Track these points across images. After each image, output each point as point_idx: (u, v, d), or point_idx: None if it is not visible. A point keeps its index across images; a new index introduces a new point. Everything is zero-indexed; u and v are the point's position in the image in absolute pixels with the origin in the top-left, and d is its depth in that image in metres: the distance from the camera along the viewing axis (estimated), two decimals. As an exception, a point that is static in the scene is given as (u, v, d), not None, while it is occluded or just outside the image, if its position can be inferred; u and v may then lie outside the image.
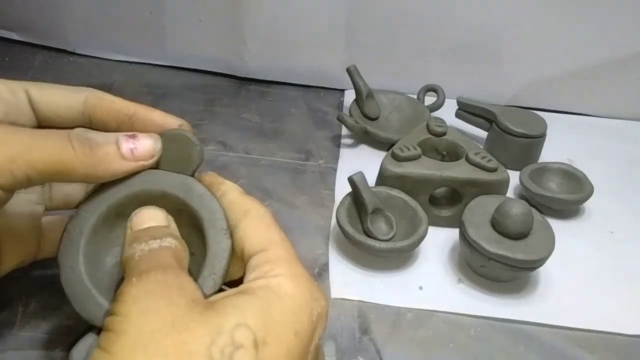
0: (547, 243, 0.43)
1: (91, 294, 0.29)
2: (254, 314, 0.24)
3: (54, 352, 0.36)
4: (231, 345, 0.22)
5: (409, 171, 0.48)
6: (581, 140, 0.64)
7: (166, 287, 0.24)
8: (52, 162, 0.27)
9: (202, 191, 0.30)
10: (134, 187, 0.30)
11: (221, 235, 0.29)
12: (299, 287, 0.26)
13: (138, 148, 0.29)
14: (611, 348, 0.41)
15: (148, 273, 0.25)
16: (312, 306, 0.26)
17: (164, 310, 0.23)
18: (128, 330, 0.23)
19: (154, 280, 0.25)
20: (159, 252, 0.26)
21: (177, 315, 0.23)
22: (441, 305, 0.43)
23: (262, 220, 0.29)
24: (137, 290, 0.24)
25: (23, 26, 0.71)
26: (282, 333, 0.24)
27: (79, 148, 0.27)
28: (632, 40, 0.64)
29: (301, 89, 0.70)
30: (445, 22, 0.64)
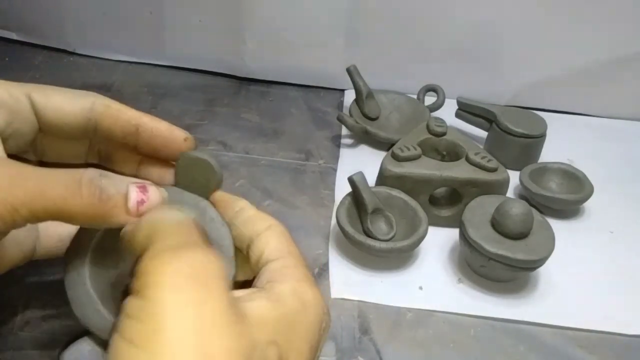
0: (547, 243, 0.43)
1: (93, 299, 0.29)
2: (282, 330, 0.24)
3: (54, 352, 0.36)
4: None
5: (409, 171, 0.48)
6: (581, 140, 0.64)
7: (208, 275, 0.22)
8: (57, 208, 0.25)
9: (214, 215, 0.30)
10: None
11: (227, 262, 0.29)
12: (317, 297, 0.27)
13: (145, 204, 0.27)
14: (611, 348, 0.41)
15: (187, 250, 0.23)
16: (322, 319, 0.27)
17: (208, 305, 0.21)
18: (166, 326, 0.20)
19: (195, 263, 0.22)
20: (189, 223, 0.25)
21: (221, 314, 0.21)
22: (441, 305, 0.43)
23: (284, 235, 0.30)
24: (176, 271, 0.22)
25: (23, 26, 0.71)
26: (301, 347, 0.25)
27: (87, 198, 0.25)
28: (632, 40, 0.64)
29: (301, 89, 0.70)
30: (446, 22, 0.64)
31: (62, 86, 0.68)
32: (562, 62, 0.66)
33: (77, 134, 0.32)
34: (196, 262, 0.22)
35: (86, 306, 0.29)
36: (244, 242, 0.30)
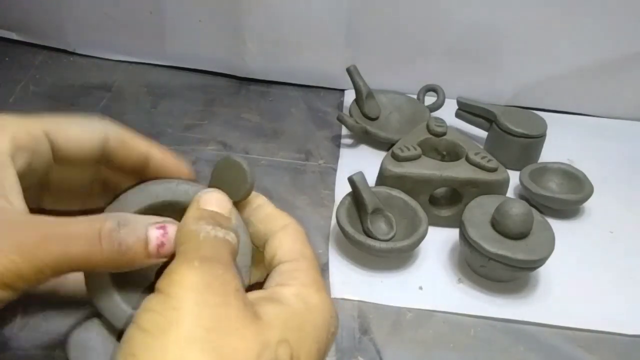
0: (547, 243, 0.43)
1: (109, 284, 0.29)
2: (293, 329, 0.24)
3: (54, 352, 0.36)
4: None
5: (409, 171, 0.48)
6: (581, 141, 0.64)
7: (225, 285, 0.24)
8: (80, 265, 0.25)
9: (238, 222, 0.30)
10: (167, 196, 0.30)
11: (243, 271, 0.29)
12: (325, 302, 0.27)
13: (166, 245, 0.27)
14: (611, 348, 0.41)
15: (211, 263, 0.24)
16: (331, 323, 0.27)
17: (222, 308, 0.23)
18: (184, 320, 0.22)
19: (216, 274, 0.24)
20: (223, 244, 0.26)
21: (232, 317, 0.23)
22: (441, 305, 0.43)
23: (299, 235, 0.30)
24: (197, 277, 0.23)
25: (23, 26, 0.71)
26: (310, 347, 0.25)
27: (107, 250, 0.25)
28: (632, 40, 0.64)
29: (301, 89, 0.70)
30: (446, 22, 0.64)
31: (62, 86, 0.69)
32: (562, 62, 0.66)
33: (89, 164, 0.32)
34: (219, 276, 0.24)
35: (102, 289, 0.29)
36: (261, 239, 0.30)
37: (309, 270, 0.28)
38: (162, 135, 0.59)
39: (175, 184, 0.31)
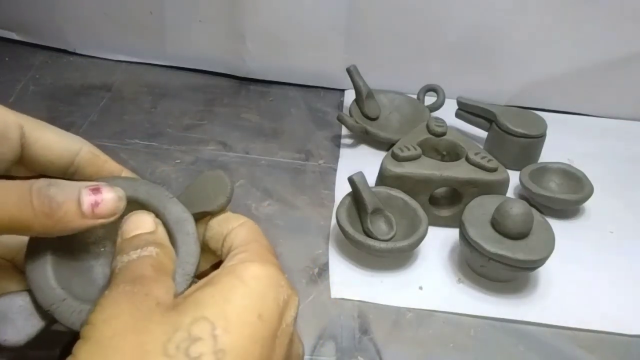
0: (547, 243, 0.43)
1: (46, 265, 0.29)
2: (213, 305, 0.24)
3: (54, 352, 0.36)
4: (188, 339, 0.23)
5: (409, 171, 0.48)
6: (581, 140, 0.64)
7: (131, 295, 0.25)
8: (10, 219, 0.26)
9: (191, 230, 0.30)
10: (128, 192, 0.30)
11: (189, 239, 0.30)
12: (266, 271, 0.27)
13: (100, 204, 0.28)
14: (611, 348, 0.41)
15: (117, 285, 0.26)
16: (279, 291, 0.26)
17: (126, 316, 0.24)
18: (92, 336, 0.23)
19: (122, 291, 0.25)
20: (136, 263, 0.27)
21: (138, 319, 0.24)
22: (441, 305, 0.43)
23: (254, 229, 0.30)
24: (106, 300, 0.25)
25: (23, 26, 0.72)
26: (244, 317, 0.24)
27: (38, 207, 0.26)
28: (632, 40, 0.64)
29: (301, 89, 0.70)
30: (445, 22, 0.64)
31: (62, 86, 0.69)
32: (562, 62, 0.66)
33: (54, 173, 0.32)
34: (123, 292, 0.25)
35: (38, 264, 0.29)
36: (219, 240, 0.30)
37: (255, 250, 0.28)
38: (162, 135, 0.59)
39: (138, 183, 0.31)
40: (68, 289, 0.29)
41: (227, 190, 0.32)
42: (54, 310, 0.28)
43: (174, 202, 0.31)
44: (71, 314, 0.28)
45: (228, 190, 0.32)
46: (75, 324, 0.28)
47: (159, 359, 0.22)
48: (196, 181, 0.33)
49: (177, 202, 0.31)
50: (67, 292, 0.28)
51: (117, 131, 0.59)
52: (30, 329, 0.29)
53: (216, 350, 0.23)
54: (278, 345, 0.25)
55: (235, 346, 0.23)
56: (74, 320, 0.28)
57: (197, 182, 0.33)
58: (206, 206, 0.31)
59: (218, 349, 0.23)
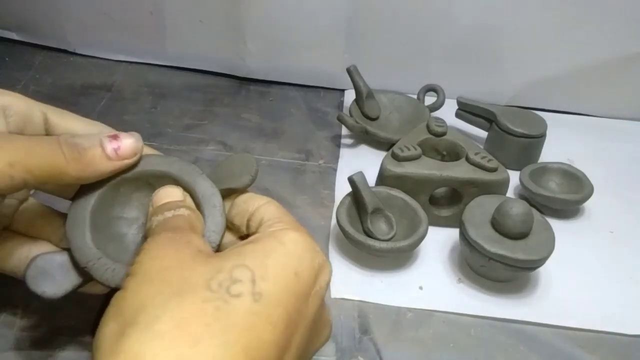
0: (547, 243, 0.43)
1: (85, 224, 0.32)
2: (253, 256, 0.27)
3: (54, 352, 0.36)
4: (229, 279, 0.25)
5: (409, 171, 0.48)
6: (581, 140, 0.64)
7: (174, 241, 0.28)
8: (47, 167, 0.29)
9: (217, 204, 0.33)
10: (163, 167, 0.34)
11: (216, 211, 0.33)
12: (303, 237, 0.29)
13: (121, 147, 0.32)
14: (611, 348, 0.41)
15: (159, 233, 0.29)
16: (314, 255, 0.28)
17: (171, 256, 0.26)
18: (140, 271, 0.26)
19: (164, 237, 0.28)
20: (172, 219, 0.30)
21: (182, 259, 0.26)
22: (441, 305, 0.43)
23: (281, 207, 0.33)
24: (149, 244, 0.28)
25: (23, 26, 0.71)
26: (282, 272, 0.26)
27: (69, 153, 0.30)
28: (632, 40, 0.63)
29: (301, 89, 0.70)
30: (446, 22, 0.64)
31: (62, 86, 0.69)
32: (562, 62, 0.66)
33: None
34: (165, 237, 0.28)
35: (78, 227, 0.32)
36: (244, 217, 0.32)
37: (290, 221, 0.31)
38: (162, 135, 0.59)
39: (172, 159, 0.34)
40: (103, 251, 0.31)
41: (252, 170, 0.35)
42: (90, 267, 0.31)
43: (203, 178, 0.34)
44: (105, 271, 0.31)
45: (253, 170, 0.35)
46: (109, 281, 0.31)
47: (202, 291, 0.24)
48: (224, 161, 0.36)
49: (206, 178, 0.34)
50: (103, 253, 0.31)
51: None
52: (67, 284, 0.32)
53: (254, 292, 0.25)
54: (311, 304, 0.27)
55: (271, 292, 0.25)
56: (108, 277, 0.31)
57: (225, 162, 0.36)
58: (232, 183, 0.34)
59: (256, 291, 0.25)
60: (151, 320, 0.23)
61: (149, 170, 0.34)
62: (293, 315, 0.26)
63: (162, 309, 0.23)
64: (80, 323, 0.38)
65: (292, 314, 0.26)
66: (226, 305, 0.24)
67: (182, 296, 0.24)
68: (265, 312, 0.25)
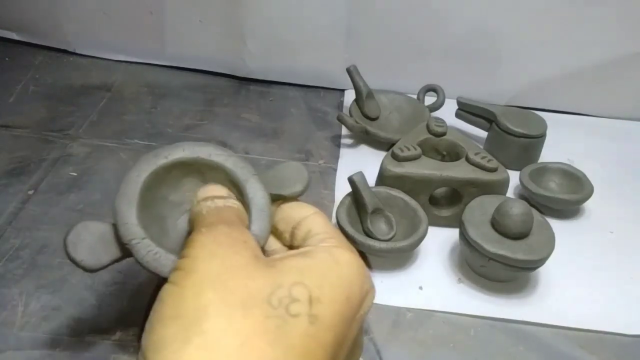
0: (547, 243, 0.43)
1: (135, 202, 0.31)
2: (311, 275, 0.26)
3: (54, 352, 0.36)
4: (288, 297, 0.25)
5: (409, 171, 0.48)
6: (581, 140, 0.64)
7: (232, 239, 0.27)
8: None
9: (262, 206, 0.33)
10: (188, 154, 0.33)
11: (263, 215, 0.32)
12: (357, 261, 0.29)
13: None
14: (611, 348, 0.41)
15: (216, 225, 0.28)
16: (364, 280, 0.28)
17: (230, 257, 0.26)
18: (198, 269, 0.25)
19: (222, 232, 0.28)
20: (224, 210, 0.30)
21: (241, 264, 0.26)
22: (441, 305, 0.43)
23: (328, 221, 0.33)
24: (206, 238, 0.27)
25: (23, 26, 0.72)
26: (335, 295, 0.26)
27: None
28: (632, 40, 0.64)
29: (301, 89, 0.70)
30: (445, 22, 0.64)
31: (62, 86, 0.69)
32: (562, 63, 0.66)
33: None
34: (225, 233, 0.28)
35: (127, 202, 0.31)
36: (290, 224, 0.32)
37: (342, 239, 0.31)
38: (162, 135, 0.59)
39: (229, 154, 0.34)
40: (147, 231, 0.31)
41: (304, 180, 0.35)
42: (133, 245, 0.30)
43: (255, 179, 0.33)
44: (147, 253, 0.30)
45: (305, 181, 0.35)
46: (149, 264, 0.30)
47: (263, 305, 0.24)
48: (277, 167, 0.36)
49: (258, 180, 0.33)
50: (147, 233, 0.31)
51: (117, 131, 0.59)
52: (106, 257, 0.31)
53: (310, 314, 0.25)
54: (353, 328, 0.28)
55: (325, 316, 0.25)
56: (149, 259, 0.30)
57: (278, 168, 0.36)
58: (283, 190, 0.34)
59: (312, 313, 0.25)
60: (218, 332, 0.23)
61: (204, 159, 0.33)
62: (340, 338, 0.26)
63: (227, 321, 0.23)
64: (81, 323, 0.38)
65: (339, 337, 0.26)
66: (285, 324, 0.24)
67: (246, 309, 0.24)
68: (319, 336, 0.25)
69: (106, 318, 0.39)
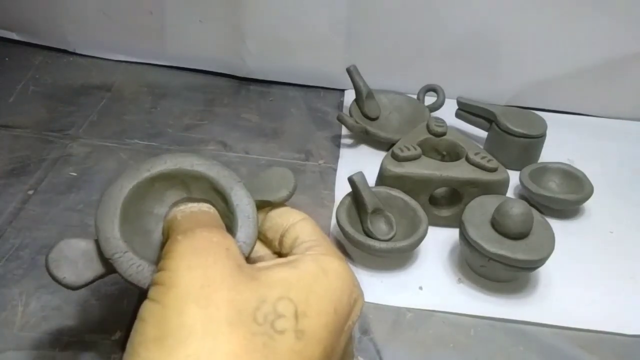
0: (547, 243, 0.43)
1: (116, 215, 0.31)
2: (297, 288, 0.26)
3: (54, 352, 0.36)
4: (273, 313, 0.24)
5: (409, 171, 0.48)
6: (581, 140, 0.64)
7: (213, 245, 0.26)
8: None
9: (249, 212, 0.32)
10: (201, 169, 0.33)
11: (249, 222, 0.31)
12: (345, 269, 0.28)
13: None
14: (611, 348, 0.41)
15: (193, 230, 0.26)
16: (352, 289, 0.28)
17: (213, 267, 0.25)
18: (178, 283, 0.24)
19: (200, 237, 0.26)
20: (200, 214, 0.28)
21: (225, 275, 0.25)
22: (441, 305, 0.43)
23: (317, 227, 0.32)
24: (184, 246, 0.26)
25: (23, 26, 0.72)
26: (322, 307, 0.26)
27: None
28: (632, 40, 0.64)
29: (301, 89, 0.70)
30: (446, 22, 0.64)
31: (62, 86, 0.69)
32: (562, 62, 0.66)
33: None
34: (204, 237, 0.26)
35: (108, 217, 0.31)
36: (278, 231, 0.32)
37: (329, 246, 0.30)
38: (162, 135, 0.59)
39: (213, 163, 0.33)
40: (130, 244, 0.30)
41: (290, 185, 0.34)
42: (115, 259, 0.30)
43: (240, 186, 0.33)
44: (130, 266, 0.29)
45: (291, 186, 0.34)
46: (133, 277, 0.29)
47: (249, 323, 0.24)
48: (263, 173, 0.35)
49: (243, 187, 0.33)
50: (129, 246, 0.30)
51: (117, 131, 0.59)
52: (89, 273, 0.30)
53: (297, 330, 0.24)
54: (342, 339, 0.27)
55: (313, 330, 0.25)
56: (132, 272, 0.29)
57: (263, 174, 0.35)
58: (269, 196, 0.34)
59: (299, 329, 0.24)
60: (205, 355, 0.22)
61: (186, 170, 0.33)
62: (328, 351, 0.26)
63: (214, 342, 0.23)
64: (81, 323, 0.38)
65: (328, 350, 0.25)
66: (272, 341, 0.24)
67: (232, 327, 0.23)
68: (306, 351, 0.24)
69: (106, 318, 0.39)
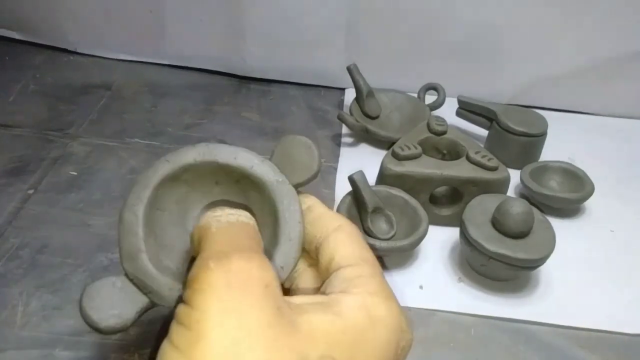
0: (548, 242, 0.43)
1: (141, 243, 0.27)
2: (342, 346, 0.22)
3: (55, 352, 0.36)
4: None
5: (409, 170, 0.48)
6: (582, 139, 0.64)
7: (251, 283, 0.22)
8: None
9: (294, 210, 0.28)
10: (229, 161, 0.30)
11: (292, 245, 0.27)
12: (392, 313, 0.25)
13: None
14: (611, 347, 0.41)
15: (229, 258, 0.22)
16: (401, 337, 0.25)
17: (248, 314, 0.21)
18: (209, 334, 0.20)
19: (237, 269, 0.22)
20: (238, 228, 0.24)
21: (262, 325, 0.21)
22: (441, 305, 0.43)
23: (354, 237, 0.28)
24: (217, 278, 0.22)
25: (24, 25, 0.71)
26: None
27: None
28: (632, 40, 0.63)
29: (301, 87, 0.70)
30: (446, 20, 0.64)
31: (63, 85, 0.69)
32: (562, 61, 0.66)
33: None
34: (240, 271, 0.22)
35: (132, 254, 0.27)
36: (312, 243, 0.28)
37: (374, 277, 0.26)
38: (162, 134, 0.59)
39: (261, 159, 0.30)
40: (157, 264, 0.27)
41: (315, 157, 0.30)
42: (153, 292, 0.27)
43: (294, 201, 0.28)
44: (168, 291, 0.27)
45: (316, 162, 0.30)
46: (164, 300, 0.27)
47: None
48: (281, 145, 0.31)
49: (297, 201, 0.28)
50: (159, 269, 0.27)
51: (118, 130, 0.59)
52: (131, 310, 0.27)
53: None
54: None
55: None
56: (166, 295, 0.27)
57: (282, 146, 0.31)
58: (296, 177, 0.29)
59: None
60: None
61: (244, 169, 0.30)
62: None
63: None
64: (81, 323, 0.38)
65: None
66: None
67: None
68: None
69: (106, 318, 0.39)
